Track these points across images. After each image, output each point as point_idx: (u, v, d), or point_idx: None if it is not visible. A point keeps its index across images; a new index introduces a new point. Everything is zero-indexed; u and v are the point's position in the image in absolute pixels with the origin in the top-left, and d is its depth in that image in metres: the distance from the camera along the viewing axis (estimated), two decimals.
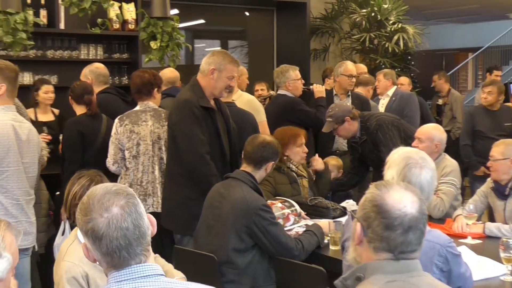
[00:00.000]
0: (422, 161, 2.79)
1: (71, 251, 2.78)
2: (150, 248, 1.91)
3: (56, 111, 5.97)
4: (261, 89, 7.53)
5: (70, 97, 5.02)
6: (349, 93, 6.30)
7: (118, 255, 1.82)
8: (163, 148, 4.74)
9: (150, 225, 1.90)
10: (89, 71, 5.58)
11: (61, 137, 5.20)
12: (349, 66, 6.28)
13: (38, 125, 5.11)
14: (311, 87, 6.12)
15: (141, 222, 1.87)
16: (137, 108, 4.87)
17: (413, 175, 2.74)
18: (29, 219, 3.74)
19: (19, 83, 3.96)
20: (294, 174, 4.65)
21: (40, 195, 4.67)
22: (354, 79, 6.32)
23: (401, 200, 1.92)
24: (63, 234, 4.71)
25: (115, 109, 5.16)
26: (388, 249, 1.91)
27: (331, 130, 5.11)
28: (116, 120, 4.82)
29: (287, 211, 4.17)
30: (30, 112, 5.52)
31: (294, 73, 5.97)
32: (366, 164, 5.24)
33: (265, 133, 4.89)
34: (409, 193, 1.96)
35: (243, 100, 5.43)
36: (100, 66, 5.69)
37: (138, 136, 4.73)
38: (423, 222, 1.95)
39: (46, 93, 5.79)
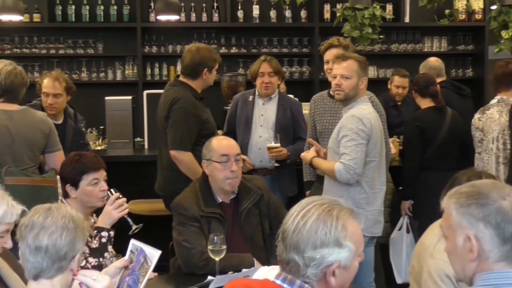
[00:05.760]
0: None
1: (440, 249, 2.61)
2: None
3: None
4: None
5: (413, 91, 4.88)
6: None
7: None
8: (507, 142, 4.39)
9: None
10: (421, 66, 5.56)
11: None
12: None
13: None
14: None
15: None
16: (492, 101, 4.61)
17: None
18: (379, 208, 3.79)
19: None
20: None
21: (387, 186, 4.70)
22: None
23: None
24: (399, 229, 4.72)
25: (447, 103, 4.95)
26: None
27: None
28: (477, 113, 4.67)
29: None
30: None
31: None
32: None
33: None
34: None
35: None
36: (431, 60, 5.62)
37: (482, 131, 4.49)
38: None
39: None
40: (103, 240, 3.02)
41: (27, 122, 3.90)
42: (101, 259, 2.94)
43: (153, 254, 2.57)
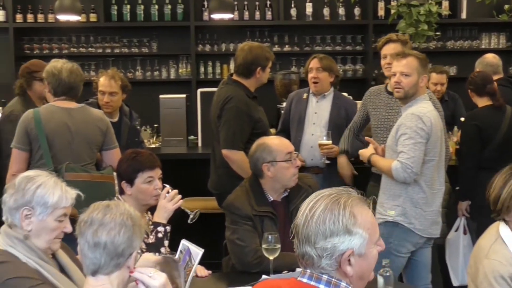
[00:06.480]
0: None
1: (496, 249, 2.59)
2: None
3: None
4: None
5: (469, 90, 4.75)
6: None
7: None
8: None
9: None
10: (478, 62, 5.44)
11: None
12: None
13: None
14: None
15: None
16: None
17: None
18: (438, 209, 3.73)
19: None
20: None
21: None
22: None
23: None
24: (456, 230, 4.62)
25: (505, 99, 4.82)
26: None
27: None
28: None
29: None
30: None
31: None
32: None
33: None
34: None
35: None
36: (488, 56, 5.48)
37: None
38: None
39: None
40: (160, 235, 3.05)
41: (85, 119, 3.97)
42: (157, 254, 2.97)
43: (197, 252, 2.61)
